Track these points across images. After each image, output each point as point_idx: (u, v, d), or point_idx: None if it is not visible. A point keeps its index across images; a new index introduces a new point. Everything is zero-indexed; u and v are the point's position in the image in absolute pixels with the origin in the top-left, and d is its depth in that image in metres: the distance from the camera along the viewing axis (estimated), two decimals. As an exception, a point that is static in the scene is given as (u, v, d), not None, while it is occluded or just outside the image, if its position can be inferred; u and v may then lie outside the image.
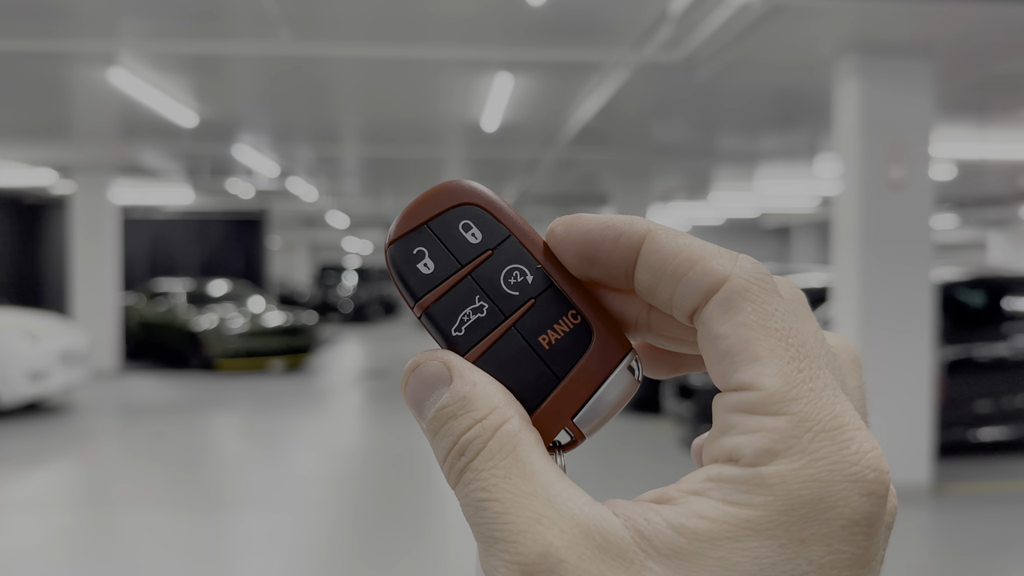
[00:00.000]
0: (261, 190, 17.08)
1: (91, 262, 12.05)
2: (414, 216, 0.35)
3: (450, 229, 0.35)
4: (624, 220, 0.33)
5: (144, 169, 12.48)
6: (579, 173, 12.53)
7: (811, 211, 21.11)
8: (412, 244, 0.35)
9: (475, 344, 0.34)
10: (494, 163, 12.90)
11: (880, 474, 0.29)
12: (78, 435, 7.75)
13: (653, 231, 0.33)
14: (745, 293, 0.30)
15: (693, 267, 0.31)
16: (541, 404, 0.33)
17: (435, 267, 0.35)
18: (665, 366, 0.38)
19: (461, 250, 0.35)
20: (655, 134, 10.31)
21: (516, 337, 0.34)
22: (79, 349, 8.69)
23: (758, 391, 0.29)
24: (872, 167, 5.47)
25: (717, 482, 0.29)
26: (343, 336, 19.23)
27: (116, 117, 9.33)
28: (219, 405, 9.42)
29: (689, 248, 0.32)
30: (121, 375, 11.96)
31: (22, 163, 12.60)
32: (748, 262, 0.31)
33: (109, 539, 4.91)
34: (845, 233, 5.63)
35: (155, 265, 20.59)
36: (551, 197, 18.78)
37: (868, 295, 5.48)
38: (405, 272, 0.35)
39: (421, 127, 9.80)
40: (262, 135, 10.72)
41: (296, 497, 5.72)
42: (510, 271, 0.35)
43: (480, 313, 0.34)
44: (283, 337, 12.56)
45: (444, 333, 0.34)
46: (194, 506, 5.51)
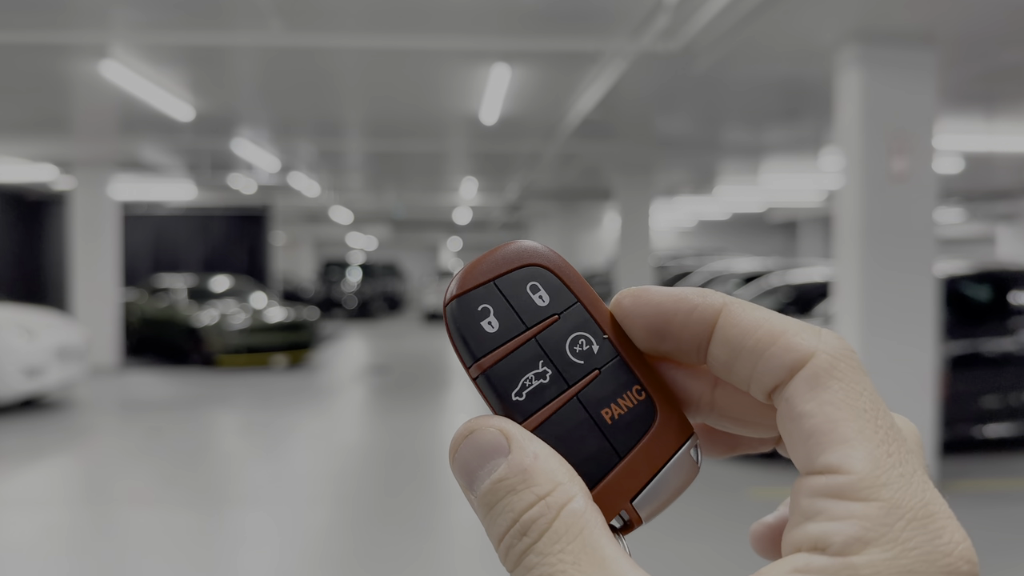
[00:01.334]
0: (263, 185, 17.04)
1: (91, 258, 12.02)
2: (480, 272, 0.34)
3: (518, 289, 0.34)
4: (697, 293, 0.32)
5: (144, 164, 12.44)
6: (581, 167, 12.43)
7: (817, 205, 20.97)
8: (477, 301, 0.33)
9: (535, 412, 0.32)
10: (496, 157, 12.81)
11: (972, 566, 0.27)
12: (74, 431, 7.71)
13: (730, 305, 0.32)
14: (832, 370, 0.29)
15: (776, 342, 0.30)
16: (601, 482, 0.32)
17: (499, 326, 0.33)
18: (722, 447, 0.37)
19: (528, 311, 0.33)
20: (657, 127, 10.21)
21: (578, 408, 0.32)
22: (76, 345, 8.64)
23: (847, 475, 0.27)
24: (873, 159, 5.36)
25: (805, 574, 0.27)
26: (347, 332, 19.19)
27: (112, 111, 9.29)
28: (218, 401, 9.38)
29: (769, 322, 0.31)
30: (121, 371, 11.94)
31: (22, 159, 12.58)
32: (833, 338, 0.30)
33: (102, 536, 4.86)
34: (846, 227, 5.53)
35: (158, 261, 20.59)
36: (554, 192, 18.69)
37: (869, 290, 5.38)
38: (466, 329, 0.33)
39: (421, 120, 9.72)
40: (262, 129, 10.66)
41: (295, 495, 5.66)
42: (576, 338, 0.33)
43: (543, 379, 0.32)
44: (284, 333, 12.52)
45: (503, 397, 0.32)
46: (189, 504, 5.45)
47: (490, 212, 24.46)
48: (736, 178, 16.35)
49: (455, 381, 11.05)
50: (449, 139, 10.99)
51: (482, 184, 17.05)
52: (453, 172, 15.06)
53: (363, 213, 26.18)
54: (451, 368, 12.38)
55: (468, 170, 14.98)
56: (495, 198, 19.73)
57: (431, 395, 9.88)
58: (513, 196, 18.50)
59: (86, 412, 8.55)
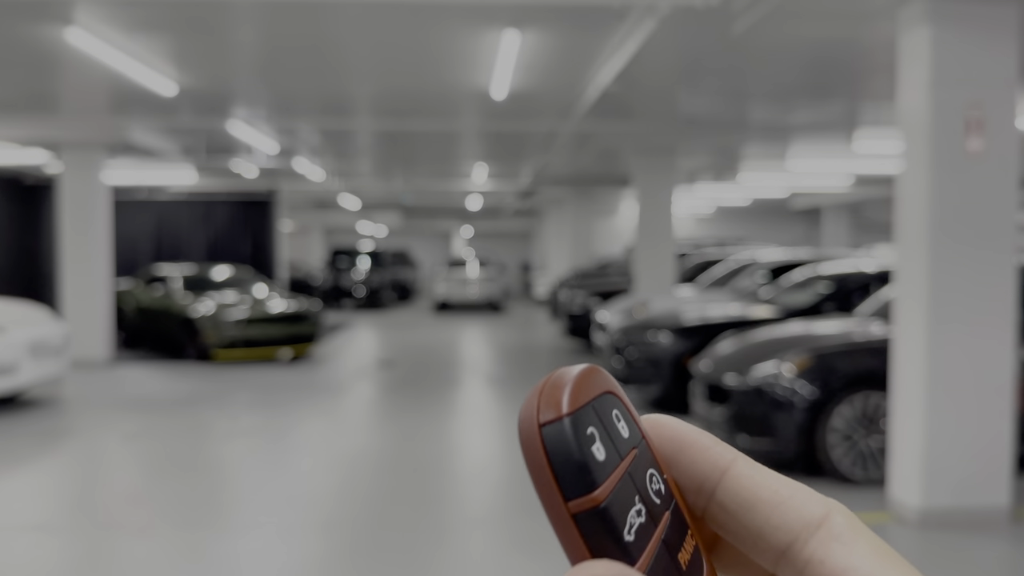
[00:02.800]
0: (266, 170, 16.40)
1: (80, 246, 11.39)
2: (579, 393, 0.29)
3: (608, 416, 0.30)
4: (712, 437, 0.32)
5: (137, 147, 11.79)
6: (598, 149, 11.66)
7: (843, 191, 20.08)
8: (584, 423, 0.29)
9: (640, 555, 0.29)
10: (508, 138, 12.07)
11: None
12: (46, 435, 7.09)
13: (744, 458, 0.32)
14: (855, 525, 0.30)
15: (794, 495, 0.31)
16: None
17: (606, 455, 0.29)
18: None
19: (619, 441, 0.30)
20: (681, 104, 9.43)
21: (664, 553, 0.30)
22: (52, 340, 8.02)
23: None
24: (945, 134, 4.59)
25: None
26: (355, 323, 18.55)
27: (93, 87, 8.63)
28: (207, 401, 8.73)
29: (780, 481, 0.31)
30: (111, 365, 11.33)
31: (11, 142, 11.96)
32: (836, 501, 0.31)
33: (69, 558, 4.21)
34: (912, 211, 4.76)
35: (160, 248, 20.02)
36: (568, 177, 17.88)
37: (938, 285, 4.62)
38: (580, 454, 0.28)
39: (429, 97, 8.99)
40: (259, 108, 9.97)
41: (282, 518, 4.99)
42: (651, 475, 0.31)
43: (640, 518, 0.29)
44: (285, 325, 11.86)
45: (616, 537, 0.28)
46: (162, 527, 4.80)
47: (503, 198, 23.72)
48: (760, 163, 15.53)
49: (463, 378, 10.37)
50: (459, 118, 10.25)
51: (494, 169, 16.32)
52: (464, 156, 14.34)
53: (372, 200, 25.51)
54: (459, 363, 11.71)
55: (479, 154, 14.25)
56: (508, 183, 18.98)
57: (439, 394, 9.20)
58: (526, 182, 17.74)
59: (62, 413, 7.93)
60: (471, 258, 22.41)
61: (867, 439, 5.30)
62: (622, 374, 7.85)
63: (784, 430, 5.26)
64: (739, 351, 5.95)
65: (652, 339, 7.57)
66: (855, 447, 5.30)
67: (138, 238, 20.08)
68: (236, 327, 11.38)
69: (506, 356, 12.56)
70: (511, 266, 34.62)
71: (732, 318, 7.77)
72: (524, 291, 31.48)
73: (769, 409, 5.25)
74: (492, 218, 33.32)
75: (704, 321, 7.69)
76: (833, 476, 5.31)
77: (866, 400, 5.27)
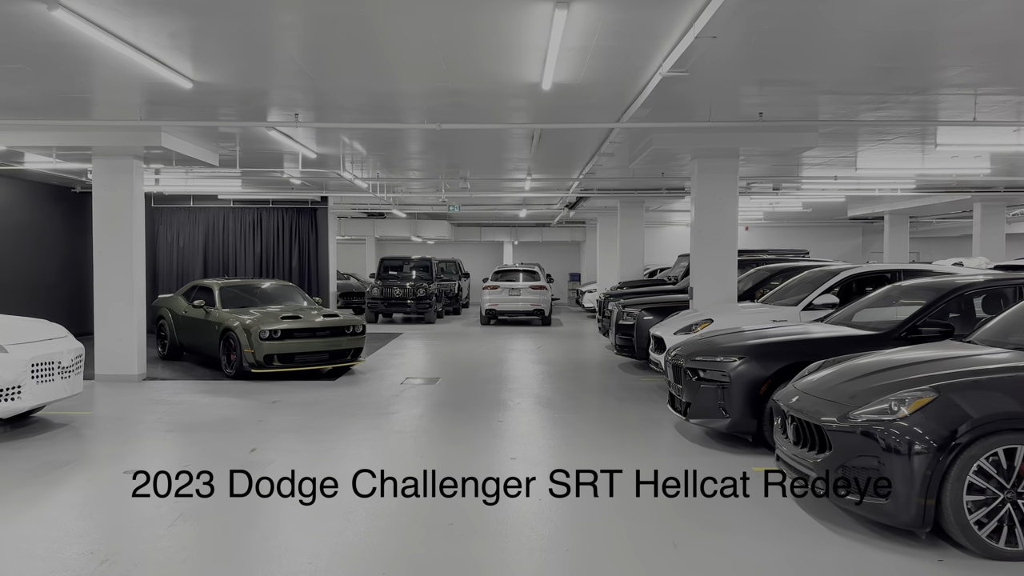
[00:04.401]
0: (310, 175, 15.96)
1: (113, 258, 10.98)
2: None
3: None
4: None
5: (177, 154, 11.37)
6: (653, 154, 10.83)
7: (906, 195, 18.79)
8: None
9: None
10: (556, 138, 11.33)
11: None
12: (38, 468, 6.55)
13: None
14: None
15: None
16: None
17: None
18: None
19: None
20: (745, 98, 8.57)
21: None
22: (61, 359, 7.53)
23: None
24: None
25: None
26: (402, 333, 17.98)
27: (116, 83, 8.15)
28: (225, 428, 8.10)
29: None
30: (143, 383, 10.89)
31: (46, 149, 11.67)
32: None
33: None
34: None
35: (206, 258, 19.78)
36: (619, 185, 17.02)
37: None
38: None
39: (476, 92, 8.29)
40: (298, 110, 9.40)
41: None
42: None
43: None
44: (326, 339, 11.30)
45: None
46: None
47: (551, 207, 22.98)
48: (823, 166, 14.50)
49: (510, 398, 9.64)
50: (507, 115, 9.52)
51: (542, 176, 15.59)
52: (512, 161, 13.64)
53: (422, 210, 25.02)
54: (506, 380, 10.98)
55: (528, 160, 13.54)
56: (556, 190, 18.23)
57: (484, 419, 8.48)
58: (575, 190, 16.97)
59: (67, 440, 7.36)
60: (519, 268, 21.70)
61: (1020, 499, 4.14)
62: (684, 402, 7.02)
63: (901, 486, 4.20)
64: (834, 381, 5.00)
65: (721, 362, 6.72)
66: (1000, 510, 4.15)
67: (188, 247, 19.90)
68: (274, 341, 10.85)
69: (555, 373, 11.79)
70: (559, 276, 33.85)
71: (815, 338, 6.86)
72: (572, 302, 30.65)
73: (880, 459, 4.22)
74: (540, 228, 32.58)
75: (784, 341, 6.80)
76: (968, 548, 4.22)
77: (1013, 448, 4.13)
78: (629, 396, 9.65)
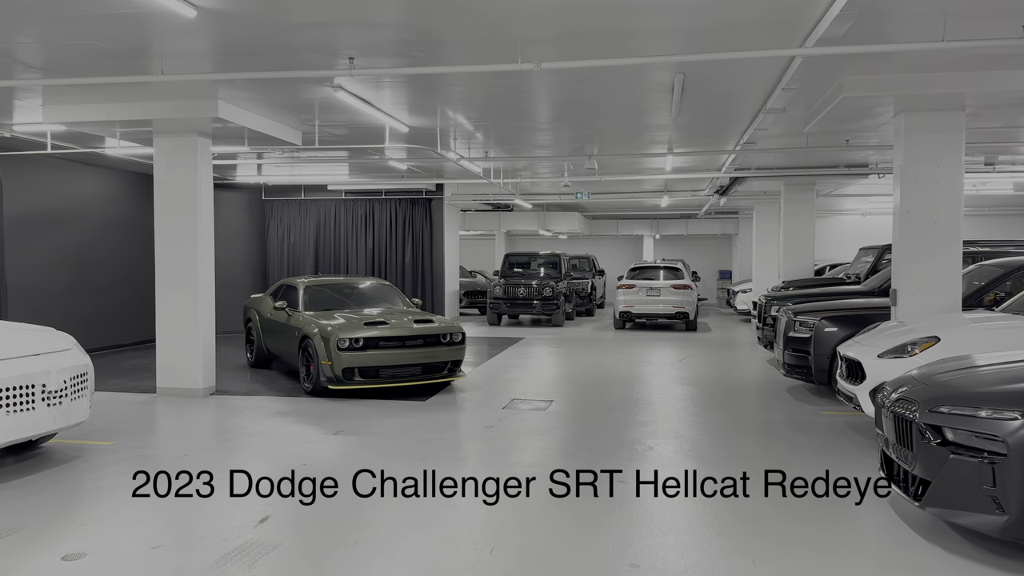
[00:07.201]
0: (416, 164, 14.14)
1: (175, 256, 9.42)
2: None
3: None
4: None
5: (243, 128, 9.71)
6: (842, 106, 8.00)
7: None
8: None
9: None
10: (703, 92, 8.73)
11: None
12: (26, 512, 4.80)
13: None
14: None
15: None
16: None
17: None
18: None
19: None
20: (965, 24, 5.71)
21: None
22: (44, 382, 5.82)
23: None
24: None
25: None
26: (524, 339, 15.85)
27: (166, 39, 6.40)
28: (281, 460, 6.20)
29: None
30: (206, 398, 9.28)
31: (112, 125, 10.33)
32: None
33: None
34: None
35: (315, 254, 18.52)
36: (782, 162, 13.97)
37: None
38: None
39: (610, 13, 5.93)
40: (377, 58, 7.40)
41: None
42: None
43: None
44: (420, 350, 9.31)
45: None
46: None
47: (698, 193, 20.11)
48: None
49: (642, 436, 7.22)
50: (638, 45, 7.06)
51: (688, 151, 12.93)
52: (649, 131, 11.11)
53: (550, 200, 22.83)
54: (638, 407, 8.54)
55: (668, 130, 10.97)
56: (705, 169, 15.47)
57: (598, 488, 6.14)
58: (728, 168, 14.15)
59: (30, 495, 5.67)
60: (659, 264, 18.96)
61: None
62: (916, 477, 4.37)
63: None
64: None
65: (991, 420, 4.04)
66: None
67: (299, 243, 18.75)
68: (355, 352, 8.95)
69: (702, 400, 9.23)
70: (707, 274, 30.70)
71: None
72: (722, 303, 27.47)
73: None
74: (685, 219, 29.54)
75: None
76: None
77: None
78: (808, 443, 6.95)
